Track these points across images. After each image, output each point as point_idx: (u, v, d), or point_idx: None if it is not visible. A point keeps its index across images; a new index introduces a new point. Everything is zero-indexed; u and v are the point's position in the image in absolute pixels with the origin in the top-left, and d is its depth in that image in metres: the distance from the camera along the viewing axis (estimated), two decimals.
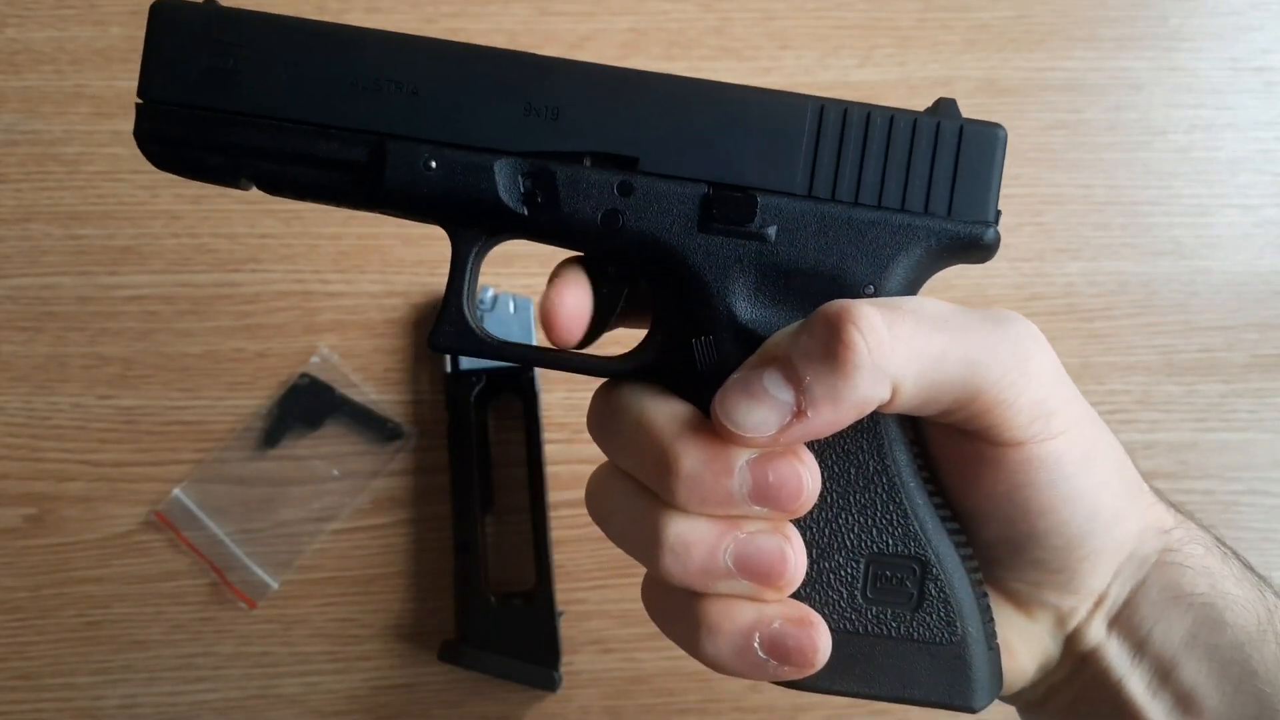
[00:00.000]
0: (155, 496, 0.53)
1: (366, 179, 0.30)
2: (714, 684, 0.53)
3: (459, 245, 0.31)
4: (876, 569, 0.31)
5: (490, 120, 0.30)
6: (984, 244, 0.31)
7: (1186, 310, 0.57)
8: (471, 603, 0.51)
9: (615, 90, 0.30)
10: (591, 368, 0.32)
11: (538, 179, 0.30)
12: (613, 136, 0.30)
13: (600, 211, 0.30)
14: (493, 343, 0.32)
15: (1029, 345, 0.30)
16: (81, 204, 0.56)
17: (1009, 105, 0.59)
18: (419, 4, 0.59)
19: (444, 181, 0.30)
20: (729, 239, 0.30)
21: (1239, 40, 0.60)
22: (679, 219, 0.30)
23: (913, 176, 0.31)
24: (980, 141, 0.31)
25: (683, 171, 0.30)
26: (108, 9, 0.58)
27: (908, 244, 0.31)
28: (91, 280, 0.55)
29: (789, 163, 0.30)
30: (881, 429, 0.31)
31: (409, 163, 0.30)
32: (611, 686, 0.53)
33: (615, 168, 0.30)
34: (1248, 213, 0.58)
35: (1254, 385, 0.56)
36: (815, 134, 0.31)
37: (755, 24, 0.60)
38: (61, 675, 0.52)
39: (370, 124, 0.30)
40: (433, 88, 0.30)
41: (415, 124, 0.30)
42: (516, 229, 0.31)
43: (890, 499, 0.31)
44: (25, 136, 0.57)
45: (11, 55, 0.58)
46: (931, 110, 0.32)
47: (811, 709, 0.52)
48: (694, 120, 0.30)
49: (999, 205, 0.32)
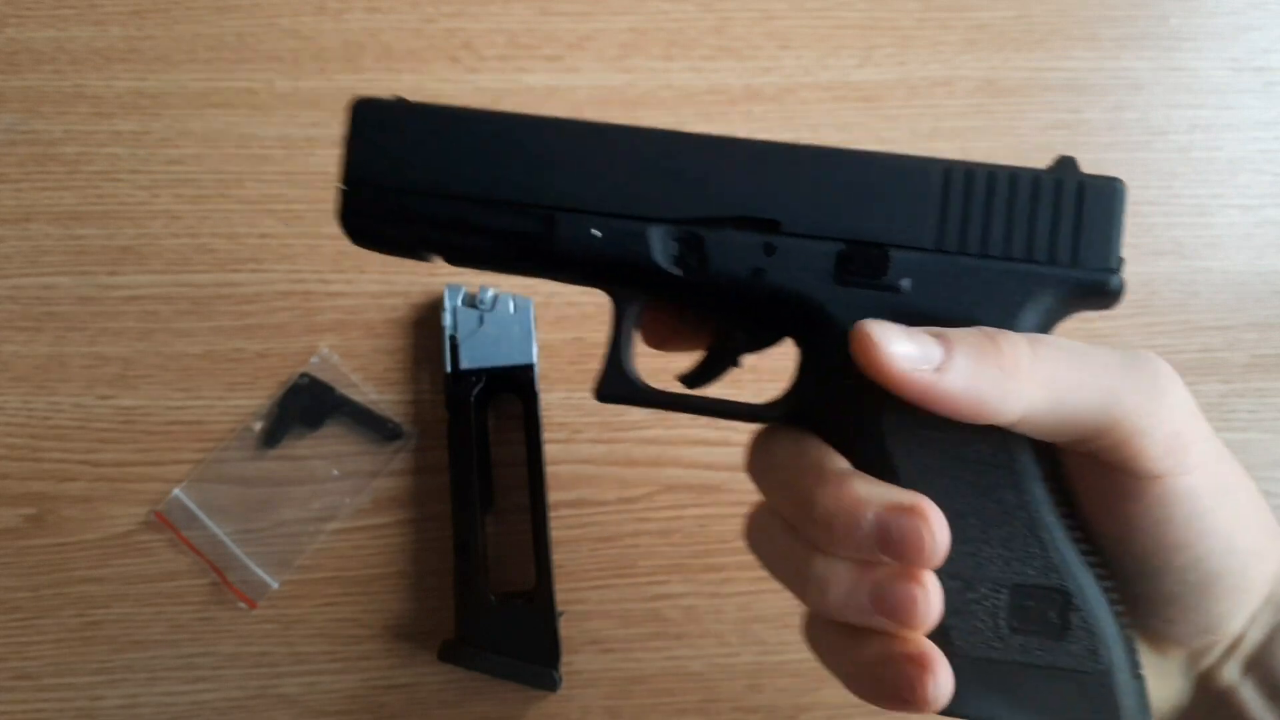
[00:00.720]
0: (155, 496, 0.53)
1: (539, 248, 0.34)
2: (714, 684, 0.53)
3: (619, 304, 0.35)
4: (1019, 599, 0.32)
5: (644, 191, 0.34)
6: (1109, 290, 0.33)
7: (1186, 310, 0.57)
8: (471, 603, 0.51)
9: (756, 160, 0.34)
10: (746, 414, 0.35)
11: (688, 243, 0.34)
12: (755, 202, 0.33)
13: (746, 270, 0.33)
14: (653, 392, 0.36)
15: (1166, 380, 0.31)
16: (81, 204, 0.56)
17: (1009, 105, 0.59)
18: (419, 4, 0.59)
19: (606, 248, 0.34)
20: (866, 291, 0.33)
21: (1239, 40, 0.60)
22: (819, 274, 0.33)
23: (1037, 228, 0.33)
24: (1101, 194, 0.34)
25: (820, 231, 0.33)
26: (108, 9, 0.58)
27: (1035, 292, 0.33)
28: (91, 280, 0.55)
29: (919, 220, 0.33)
30: (1018, 465, 0.32)
31: (576, 232, 0.33)
32: (611, 686, 0.53)
33: (758, 230, 0.33)
34: (1248, 213, 0.58)
35: (1254, 385, 0.56)
36: (942, 193, 0.34)
37: (755, 24, 0.60)
38: (61, 675, 0.52)
39: (541, 199, 0.33)
40: (594, 164, 0.34)
41: (580, 197, 0.34)
42: (670, 289, 0.34)
43: (1030, 532, 0.32)
44: (25, 136, 0.57)
45: (11, 55, 0.58)
46: (1052, 168, 0.34)
47: (812, 709, 0.52)
48: (828, 184, 0.33)
49: (1122, 254, 0.34)
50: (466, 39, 0.59)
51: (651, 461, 0.54)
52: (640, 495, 0.54)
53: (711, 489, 0.54)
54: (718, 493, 0.54)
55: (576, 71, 0.58)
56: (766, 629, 0.53)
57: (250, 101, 0.58)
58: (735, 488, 0.54)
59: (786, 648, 0.53)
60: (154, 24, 0.59)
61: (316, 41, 0.58)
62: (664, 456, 0.55)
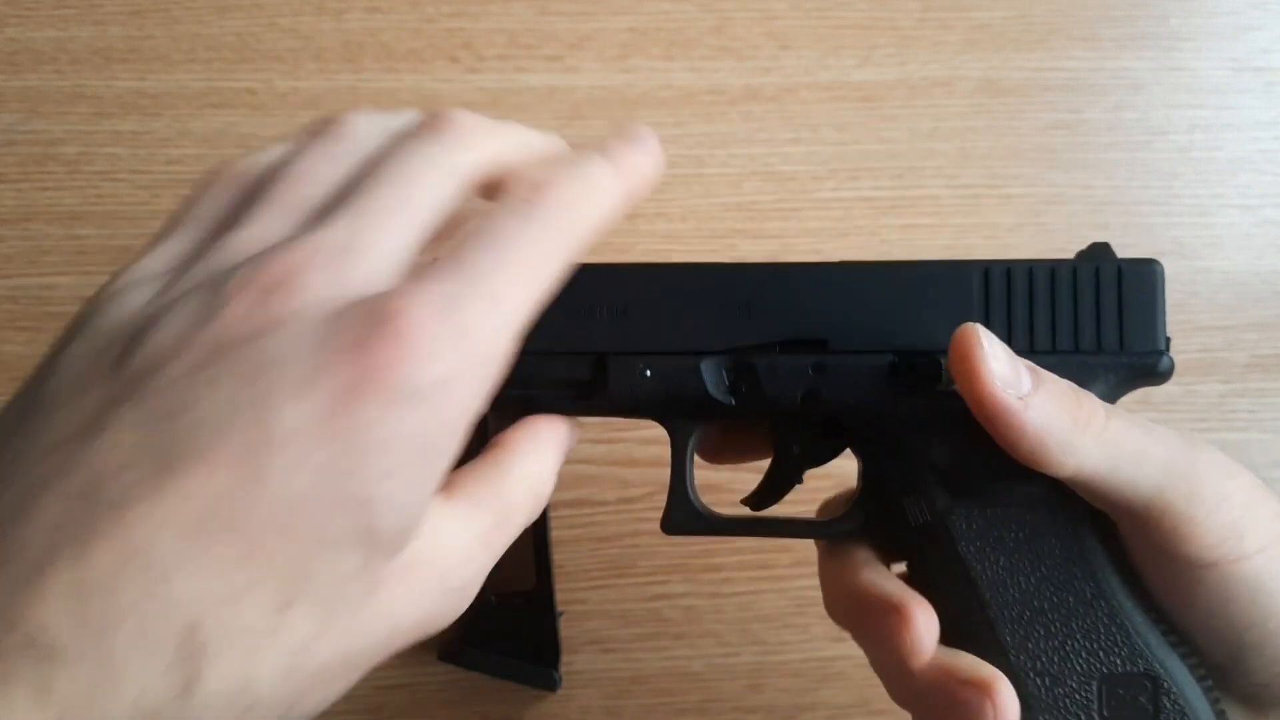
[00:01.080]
0: None
1: (592, 392, 0.35)
2: (714, 684, 0.53)
3: (676, 437, 0.36)
4: (1109, 689, 0.32)
5: (691, 326, 0.34)
6: (1159, 372, 0.34)
7: (1186, 310, 0.57)
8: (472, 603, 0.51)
9: (798, 282, 0.34)
10: (816, 532, 0.36)
11: (739, 371, 0.34)
12: (801, 324, 0.34)
13: (800, 391, 0.34)
14: (721, 520, 0.37)
15: (1226, 467, 0.31)
16: (81, 204, 0.56)
17: (1009, 105, 0.59)
18: (419, 4, 0.59)
19: (659, 385, 0.34)
20: (921, 399, 0.33)
21: (1239, 40, 0.60)
22: (871, 388, 0.34)
23: (1081, 319, 0.34)
24: (1139, 278, 0.34)
25: (869, 345, 0.34)
26: (108, 9, 0.58)
27: (1087, 381, 0.33)
28: (91, 280, 0.55)
29: (964, 322, 0.32)
30: (1090, 555, 0.33)
31: (627, 374, 0.34)
32: (611, 686, 0.53)
33: (807, 351, 0.34)
34: (1248, 213, 0.58)
35: (1254, 385, 0.56)
36: (984, 294, 0.34)
37: (755, 24, 0.60)
38: None
39: (591, 345, 0.34)
40: (639, 306, 0.34)
41: (628, 340, 0.34)
42: (725, 415, 0.35)
43: (1111, 621, 0.32)
44: (25, 136, 0.57)
45: (11, 55, 0.58)
46: (1087, 255, 0.35)
47: (812, 709, 0.52)
48: (872, 298, 0.34)
49: (1168, 333, 0.34)
50: (466, 39, 0.59)
51: (651, 461, 0.54)
52: (640, 495, 0.54)
53: (712, 489, 0.54)
54: (718, 493, 0.54)
55: (576, 71, 0.58)
56: (766, 629, 0.53)
57: (250, 101, 0.58)
58: (735, 488, 0.54)
59: (786, 648, 0.53)
60: (154, 24, 0.59)
61: (316, 41, 0.58)
62: (664, 457, 0.54)
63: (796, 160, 0.58)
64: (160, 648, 0.23)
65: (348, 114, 0.31)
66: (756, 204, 0.57)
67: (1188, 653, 0.32)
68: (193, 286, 0.27)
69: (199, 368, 0.25)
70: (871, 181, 0.58)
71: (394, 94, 0.58)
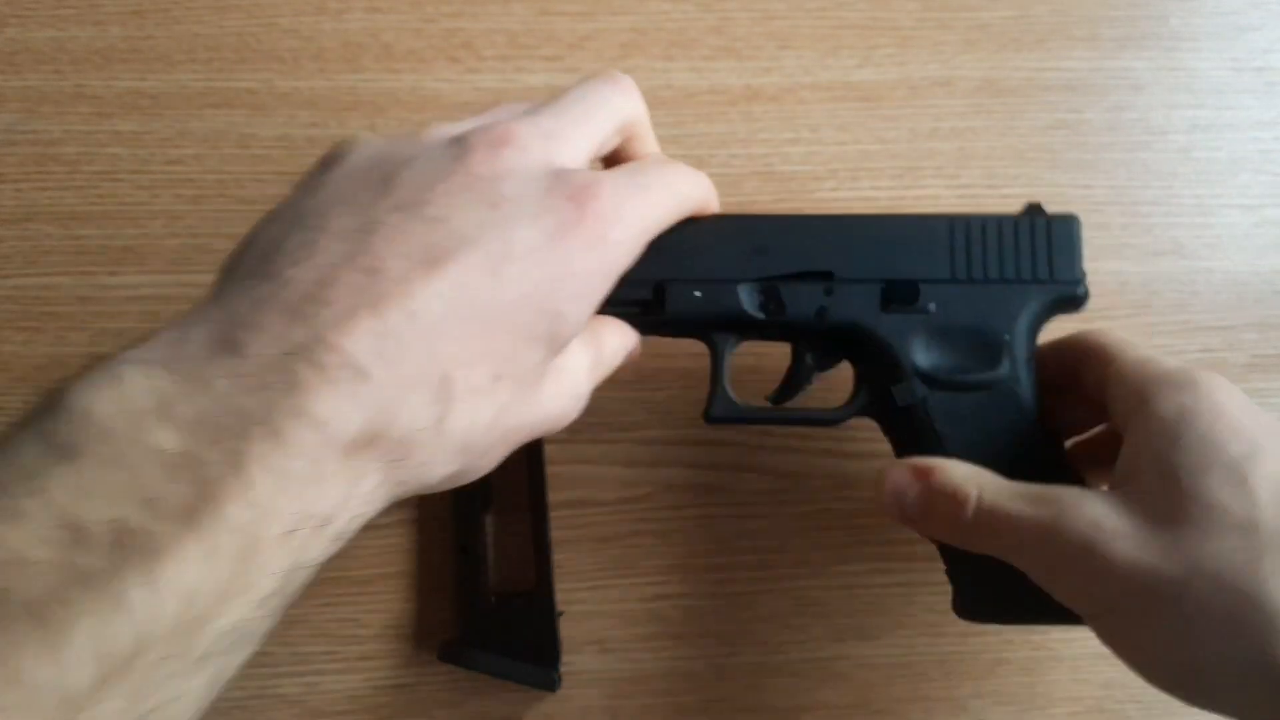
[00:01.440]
0: None
1: (653, 311, 0.44)
2: (714, 684, 0.53)
3: (716, 349, 0.46)
4: None
5: (731, 261, 0.45)
6: (1077, 296, 0.45)
7: (1186, 310, 0.57)
8: (471, 603, 0.51)
9: (811, 228, 0.45)
10: (824, 419, 0.47)
11: (767, 294, 0.45)
12: (814, 259, 0.45)
13: (813, 309, 0.45)
14: (752, 410, 0.47)
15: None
16: (81, 204, 0.56)
17: (1009, 105, 0.59)
18: (419, 4, 0.59)
19: (706, 305, 0.45)
20: (904, 315, 0.44)
21: (1239, 40, 0.60)
22: (867, 307, 0.45)
23: (1020, 256, 0.45)
24: (1063, 227, 0.46)
25: (865, 275, 0.45)
26: (108, 9, 0.58)
27: (1026, 302, 0.45)
28: (91, 280, 0.55)
29: (936, 260, 0.45)
30: (1027, 426, 0.44)
31: (682, 296, 0.44)
32: (611, 686, 0.53)
33: (818, 279, 0.45)
34: (1248, 213, 0.58)
35: (1254, 385, 0.56)
36: (949, 240, 0.45)
37: (755, 24, 0.60)
38: None
39: (654, 273, 0.43)
40: (691, 244, 0.44)
41: (683, 269, 0.44)
42: (755, 330, 0.46)
43: (1045, 459, 0.45)
44: (25, 136, 0.57)
45: (11, 55, 0.58)
46: (1026, 212, 0.47)
47: (812, 709, 0.52)
48: (867, 240, 0.45)
49: (1084, 268, 0.45)
50: (466, 39, 0.59)
51: (651, 461, 0.54)
52: (640, 495, 0.54)
53: (712, 489, 0.54)
54: (718, 493, 0.54)
55: (577, 71, 0.58)
56: (766, 629, 0.53)
57: (250, 101, 0.58)
58: (735, 487, 0.54)
59: (786, 648, 0.53)
60: (154, 24, 0.59)
61: (316, 41, 0.59)
62: (664, 457, 0.55)
63: (796, 160, 0.58)
64: (427, 386, 0.32)
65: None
66: (756, 204, 0.57)
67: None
68: (437, 141, 0.36)
69: (453, 193, 0.34)
70: (871, 181, 0.58)
71: (394, 94, 0.58)
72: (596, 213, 0.35)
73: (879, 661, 0.53)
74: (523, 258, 0.34)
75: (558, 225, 0.34)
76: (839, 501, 0.54)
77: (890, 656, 0.53)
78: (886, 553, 0.54)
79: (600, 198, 0.36)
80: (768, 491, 0.54)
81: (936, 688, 0.53)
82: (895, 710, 0.53)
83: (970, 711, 0.53)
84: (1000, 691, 0.53)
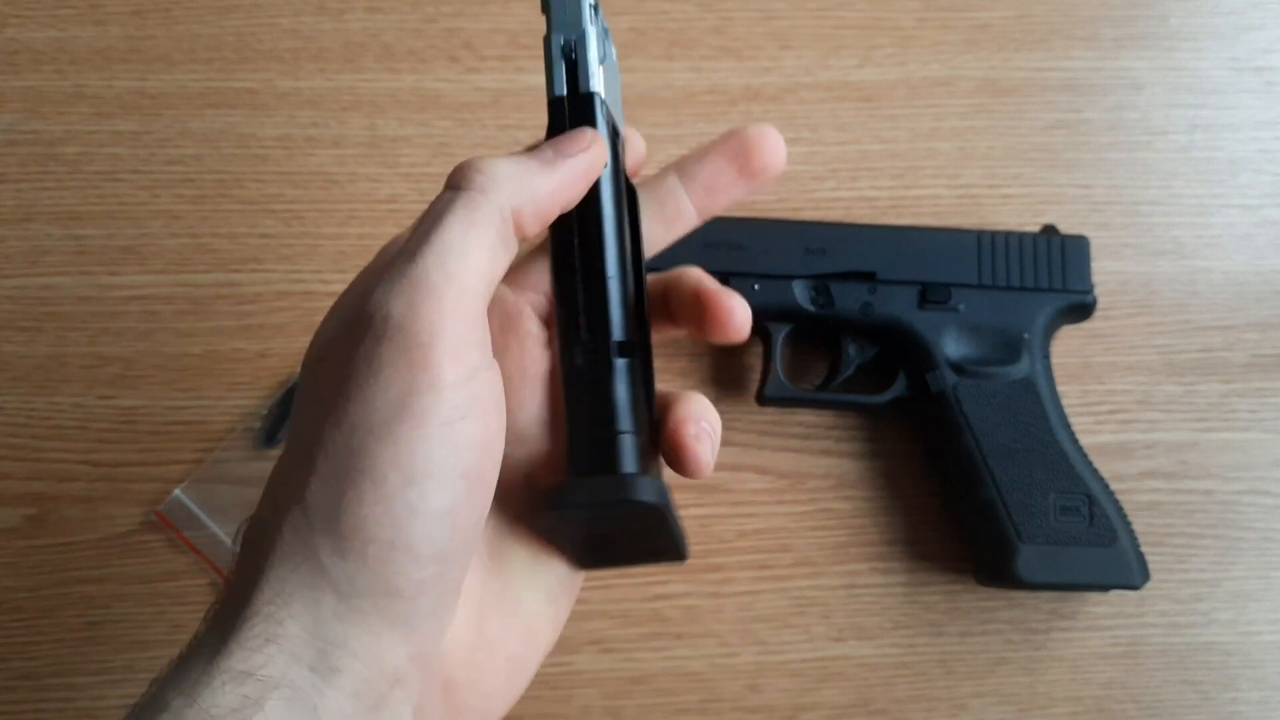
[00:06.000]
0: (155, 496, 0.53)
1: None
2: (714, 684, 0.53)
3: (771, 336, 0.52)
4: (1059, 502, 0.50)
5: (788, 259, 0.52)
6: (1087, 304, 0.53)
7: (1186, 310, 0.57)
8: None
9: (859, 234, 0.52)
10: (868, 402, 0.52)
11: (819, 289, 0.52)
12: (860, 261, 0.52)
13: (859, 304, 0.52)
14: (802, 393, 0.53)
15: None
16: (81, 204, 0.56)
17: (1009, 105, 0.59)
18: (419, 4, 0.59)
19: (765, 296, 0.51)
20: (937, 313, 0.52)
21: (1239, 40, 0.60)
22: (906, 305, 0.52)
23: (1039, 268, 0.52)
24: (1075, 245, 0.53)
25: (904, 277, 0.52)
26: (108, 9, 0.58)
27: (1043, 306, 0.52)
28: (91, 280, 0.55)
29: (966, 267, 0.52)
30: (1047, 417, 0.51)
31: (745, 289, 0.50)
32: (611, 686, 0.53)
33: (863, 279, 0.52)
34: (1248, 213, 0.58)
35: (1254, 385, 0.56)
36: (978, 251, 0.52)
37: (755, 24, 0.60)
38: (62, 675, 0.52)
39: (719, 267, 0.50)
40: (753, 243, 0.52)
41: (745, 265, 0.51)
42: (806, 320, 0.52)
43: (1060, 458, 0.50)
44: (25, 136, 0.57)
45: (11, 55, 0.58)
46: (1043, 232, 0.54)
47: (812, 709, 0.52)
48: (907, 247, 0.52)
49: (1093, 280, 0.53)
50: (466, 39, 0.59)
51: None
52: None
53: (711, 489, 0.54)
54: (718, 493, 0.54)
55: None
56: (766, 629, 0.53)
57: (250, 101, 0.58)
58: (735, 487, 0.54)
59: (786, 648, 0.53)
60: (154, 24, 0.59)
61: (316, 41, 0.58)
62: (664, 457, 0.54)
63: (796, 160, 0.58)
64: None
65: None
66: (757, 204, 0.57)
67: (1106, 484, 0.51)
68: None
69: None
70: (871, 181, 0.58)
71: (394, 94, 0.58)
72: (474, 168, 0.34)
73: (879, 661, 0.53)
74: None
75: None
76: (839, 501, 0.54)
77: (890, 656, 0.53)
78: (886, 553, 0.54)
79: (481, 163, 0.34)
80: (768, 491, 0.54)
81: (936, 688, 0.53)
82: (895, 710, 0.53)
83: (970, 711, 0.53)
84: (1000, 691, 0.53)
